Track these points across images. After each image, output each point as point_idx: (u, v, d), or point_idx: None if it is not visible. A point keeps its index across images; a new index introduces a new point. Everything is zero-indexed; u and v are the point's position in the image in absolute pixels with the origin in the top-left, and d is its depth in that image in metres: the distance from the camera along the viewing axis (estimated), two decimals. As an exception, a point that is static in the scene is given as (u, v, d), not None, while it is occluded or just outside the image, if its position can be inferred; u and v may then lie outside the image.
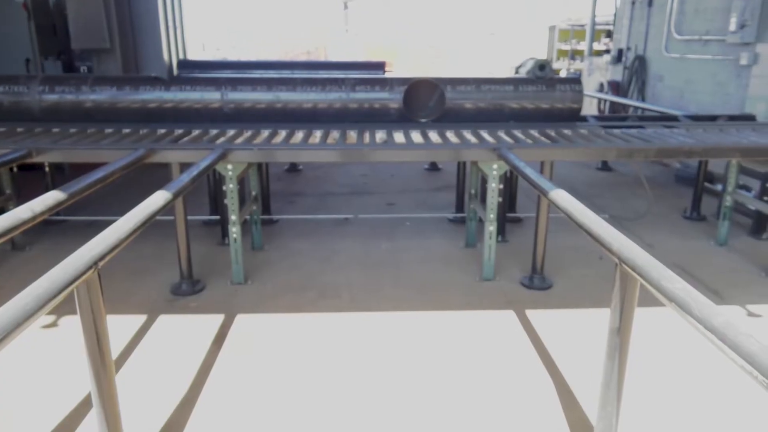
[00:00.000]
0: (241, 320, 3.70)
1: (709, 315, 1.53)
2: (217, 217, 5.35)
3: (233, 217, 4.07)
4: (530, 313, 3.80)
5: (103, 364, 2.06)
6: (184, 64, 8.91)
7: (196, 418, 2.73)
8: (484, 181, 4.70)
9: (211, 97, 5.01)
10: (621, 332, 2.07)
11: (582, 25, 19.26)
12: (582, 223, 2.37)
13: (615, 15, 10.89)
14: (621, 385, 2.12)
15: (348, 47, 30.87)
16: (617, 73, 10.10)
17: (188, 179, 3.05)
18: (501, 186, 4.20)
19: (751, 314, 3.82)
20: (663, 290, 1.73)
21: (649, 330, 3.49)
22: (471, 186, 4.93)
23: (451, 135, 4.62)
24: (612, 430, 2.15)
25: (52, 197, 2.66)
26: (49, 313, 3.15)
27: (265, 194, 5.66)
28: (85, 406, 2.77)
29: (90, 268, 1.92)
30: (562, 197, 2.68)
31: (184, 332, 3.55)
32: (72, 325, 3.52)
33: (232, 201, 4.04)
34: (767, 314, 3.80)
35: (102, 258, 1.99)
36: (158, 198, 2.65)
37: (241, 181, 4.56)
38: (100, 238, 2.08)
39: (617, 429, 2.16)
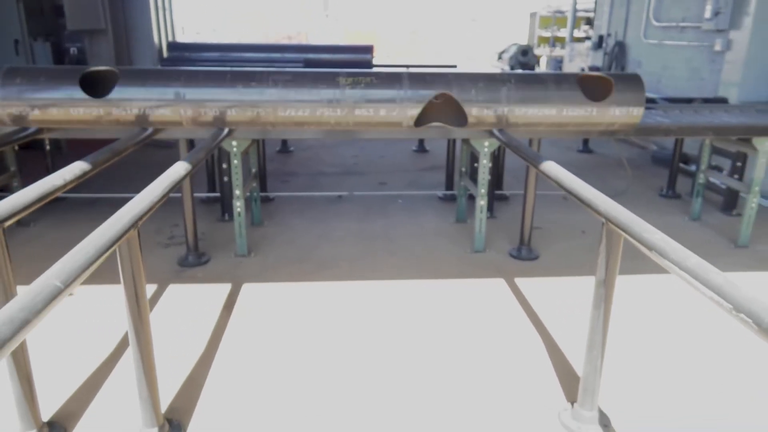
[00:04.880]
0: (248, 288, 3.91)
1: (684, 258, 1.79)
2: (216, 194, 5.53)
3: (237, 192, 4.26)
4: (519, 281, 4.07)
5: (139, 312, 2.27)
6: (174, 47, 9.02)
7: (215, 373, 2.95)
8: (473, 160, 4.96)
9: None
10: (606, 283, 2.34)
11: (562, 12, 19.58)
12: (571, 189, 2.63)
13: (596, 2, 11.19)
14: (606, 331, 2.39)
15: (328, 32, 30.82)
16: (598, 59, 10.41)
17: (203, 152, 3.24)
18: (490, 164, 4.44)
19: (721, 280, 4.13)
20: (644, 241, 1.98)
21: (635, 293, 3.80)
22: (462, 164, 5.17)
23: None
24: (597, 369, 2.42)
25: (78, 167, 2.83)
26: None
27: (262, 173, 5.84)
28: (123, 345, 2.97)
29: (131, 227, 2.11)
30: (552, 167, 2.93)
31: (194, 299, 3.75)
32: (99, 291, 3.70)
33: (236, 176, 4.22)
34: (738, 280, 4.11)
35: (141, 218, 2.19)
36: (179, 167, 2.84)
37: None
38: (136, 201, 2.28)
39: (601, 368, 2.43)
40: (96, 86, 3.97)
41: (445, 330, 3.40)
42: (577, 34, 16.31)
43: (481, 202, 4.45)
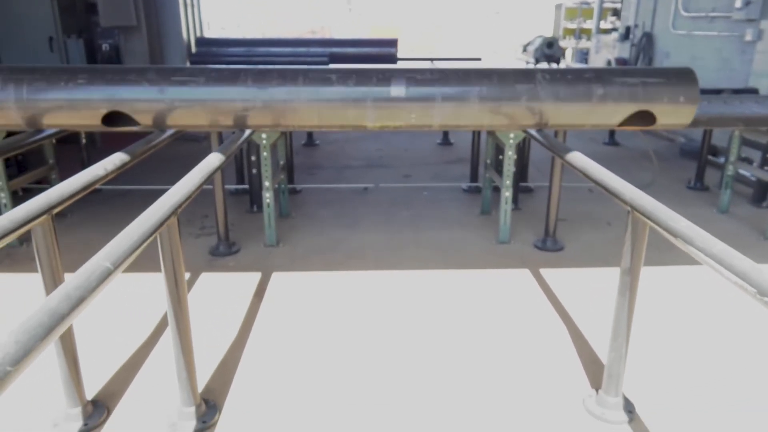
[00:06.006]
0: (278, 277, 4.01)
1: (710, 245, 1.82)
2: (245, 186, 5.65)
3: (267, 183, 4.36)
4: (544, 271, 4.10)
5: (178, 295, 2.36)
6: (202, 42, 9.17)
7: (247, 357, 3.05)
8: (498, 152, 4.98)
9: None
10: (632, 272, 2.37)
11: (588, 3, 19.34)
12: (598, 179, 2.66)
13: (623, -7, 11.05)
14: (630, 318, 2.42)
15: (352, 26, 30.89)
16: (624, 51, 10.29)
17: (235, 144, 3.34)
18: (515, 156, 4.47)
19: (749, 272, 4.11)
20: (670, 229, 2.01)
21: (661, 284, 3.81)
22: (487, 156, 5.20)
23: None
24: (622, 356, 2.46)
25: (118, 158, 2.95)
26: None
27: (290, 165, 5.94)
28: (159, 329, 3.10)
29: (172, 214, 2.21)
30: (578, 158, 2.96)
31: (227, 287, 3.87)
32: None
33: (266, 168, 4.32)
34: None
35: (180, 206, 2.29)
36: (213, 159, 2.95)
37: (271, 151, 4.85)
38: (176, 190, 2.38)
39: (626, 356, 2.47)
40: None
41: (472, 318, 3.46)
42: (604, 25, 16.11)
43: (507, 194, 4.48)
